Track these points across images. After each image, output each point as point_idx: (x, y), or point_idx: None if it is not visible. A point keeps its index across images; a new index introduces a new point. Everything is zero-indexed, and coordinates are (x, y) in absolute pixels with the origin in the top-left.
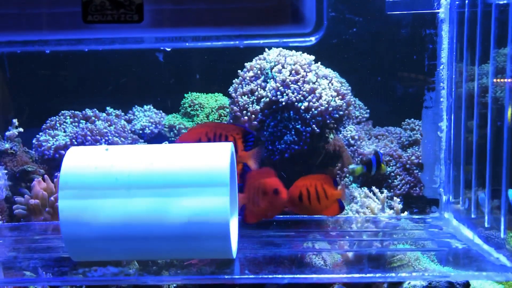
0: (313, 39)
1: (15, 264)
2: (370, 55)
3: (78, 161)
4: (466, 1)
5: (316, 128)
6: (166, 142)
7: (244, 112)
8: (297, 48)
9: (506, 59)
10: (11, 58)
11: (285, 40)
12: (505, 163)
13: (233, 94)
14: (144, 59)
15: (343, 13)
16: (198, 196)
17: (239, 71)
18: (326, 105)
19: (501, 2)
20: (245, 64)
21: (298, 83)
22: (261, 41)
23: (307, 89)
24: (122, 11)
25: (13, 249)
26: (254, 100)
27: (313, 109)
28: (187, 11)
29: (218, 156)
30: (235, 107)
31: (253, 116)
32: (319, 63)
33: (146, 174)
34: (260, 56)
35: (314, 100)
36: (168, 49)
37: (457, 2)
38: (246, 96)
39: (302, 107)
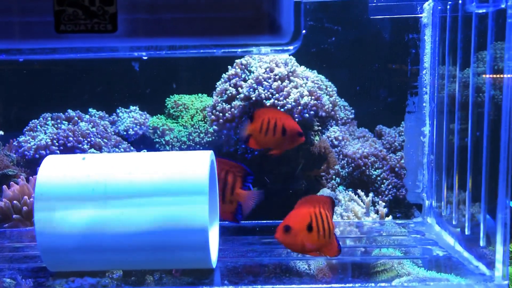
0: (291, 48)
1: None
2: (352, 60)
3: (54, 171)
4: (448, 7)
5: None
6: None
7: (214, 111)
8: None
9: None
10: None
11: (263, 49)
12: (484, 171)
13: (213, 93)
14: (126, 63)
15: (322, 21)
16: (176, 205)
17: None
18: (294, 104)
19: (480, 11)
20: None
21: (269, 80)
22: (239, 50)
23: (275, 87)
24: (95, 21)
25: None
26: (225, 99)
27: (278, 107)
28: (163, 21)
29: (197, 165)
30: (208, 108)
31: (220, 114)
32: (303, 66)
33: (123, 184)
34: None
35: (281, 98)
36: (145, 58)
37: (439, 7)
38: (220, 95)
39: (268, 104)
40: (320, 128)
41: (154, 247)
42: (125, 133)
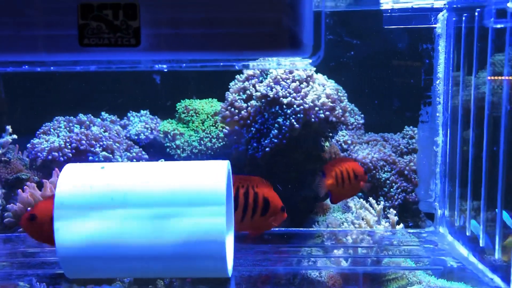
0: (310, 61)
1: (10, 281)
2: (364, 68)
3: (74, 180)
4: (463, 18)
5: (295, 123)
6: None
7: (229, 107)
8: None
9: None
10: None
11: (283, 63)
12: (500, 181)
13: (227, 93)
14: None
15: (338, 33)
16: (195, 215)
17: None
18: (311, 104)
19: (498, 26)
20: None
21: (288, 81)
22: (258, 64)
23: (294, 87)
24: (118, 35)
25: (7, 264)
26: (244, 98)
27: (295, 106)
28: (185, 35)
29: (215, 175)
30: (223, 104)
31: (236, 111)
32: (320, 74)
33: (142, 193)
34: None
35: (298, 98)
36: (165, 70)
37: (454, 18)
38: (237, 93)
39: (285, 102)
40: (331, 134)
41: (172, 256)
42: (136, 137)
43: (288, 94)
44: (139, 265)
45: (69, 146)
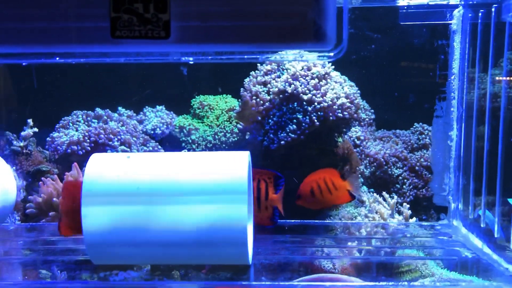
0: (331, 55)
1: (37, 267)
2: (383, 64)
3: (101, 168)
4: (480, 14)
5: (316, 121)
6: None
7: (254, 97)
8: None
9: None
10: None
11: (305, 56)
12: None
13: (246, 85)
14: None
15: (362, 29)
16: (218, 203)
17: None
18: (330, 103)
19: None
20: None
21: (307, 78)
22: (281, 56)
23: (313, 84)
24: (149, 27)
25: (30, 252)
26: (266, 91)
27: (315, 103)
28: (212, 27)
29: (237, 164)
30: (246, 93)
31: (261, 102)
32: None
33: (167, 181)
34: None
35: (318, 95)
36: (191, 62)
37: (469, 15)
38: (259, 86)
39: (305, 98)
40: (344, 129)
41: (196, 243)
42: (152, 132)
43: (307, 91)
44: (163, 251)
45: (88, 140)
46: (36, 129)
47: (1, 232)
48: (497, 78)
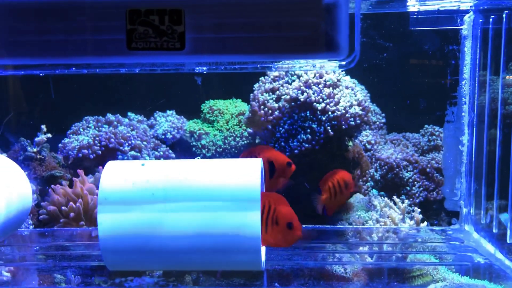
0: (344, 63)
1: (53, 273)
2: (393, 69)
3: (116, 176)
4: (491, 20)
5: (330, 131)
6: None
7: (262, 107)
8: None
9: None
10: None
11: (318, 66)
12: None
13: (255, 92)
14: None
15: (373, 37)
16: (232, 210)
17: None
18: (344, 111)
19: None
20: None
21: (320, 86)
22: (296, 66)
23: (327, 93)
24: (164, 39)
25: (44, 257)
26: (274, 98)
27: (329, 112)
28: (226, 39)
29: (250, 172)
30: (254, 103)
31: (270, 111)
32: (348, 76)
33: (182, 189)
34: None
35: (332, 104)
36: (205, 72)
37: (480, 20)
38: (267, 93)
39: (319, 108)
40: (355, 134)
41: (209, 249)
42: (163, 136)
43: (321, 100)
44: (178, 257)
45: (98, 144)
46: (49, 135)
47: (16, 237)
48: (507, 77)
